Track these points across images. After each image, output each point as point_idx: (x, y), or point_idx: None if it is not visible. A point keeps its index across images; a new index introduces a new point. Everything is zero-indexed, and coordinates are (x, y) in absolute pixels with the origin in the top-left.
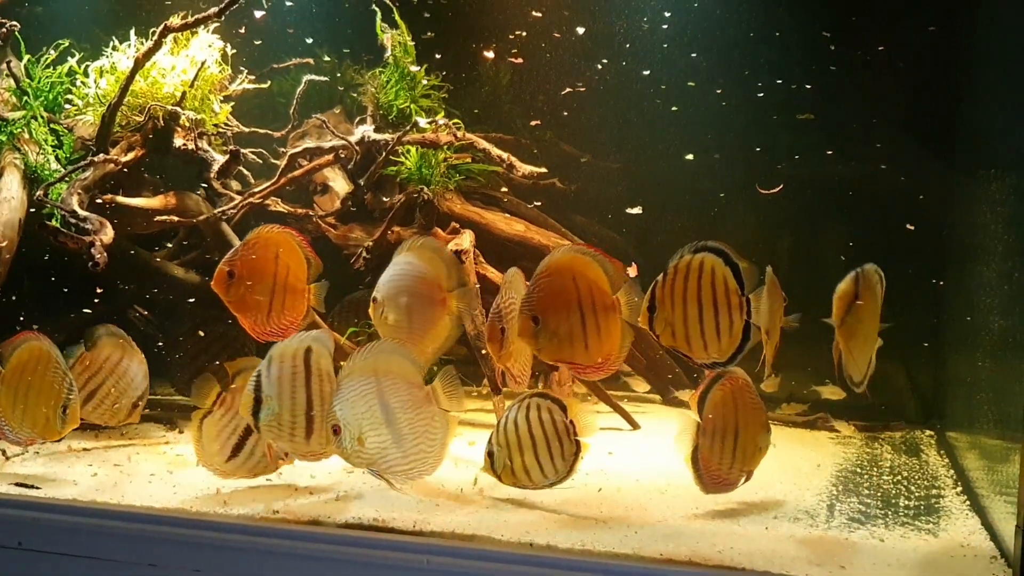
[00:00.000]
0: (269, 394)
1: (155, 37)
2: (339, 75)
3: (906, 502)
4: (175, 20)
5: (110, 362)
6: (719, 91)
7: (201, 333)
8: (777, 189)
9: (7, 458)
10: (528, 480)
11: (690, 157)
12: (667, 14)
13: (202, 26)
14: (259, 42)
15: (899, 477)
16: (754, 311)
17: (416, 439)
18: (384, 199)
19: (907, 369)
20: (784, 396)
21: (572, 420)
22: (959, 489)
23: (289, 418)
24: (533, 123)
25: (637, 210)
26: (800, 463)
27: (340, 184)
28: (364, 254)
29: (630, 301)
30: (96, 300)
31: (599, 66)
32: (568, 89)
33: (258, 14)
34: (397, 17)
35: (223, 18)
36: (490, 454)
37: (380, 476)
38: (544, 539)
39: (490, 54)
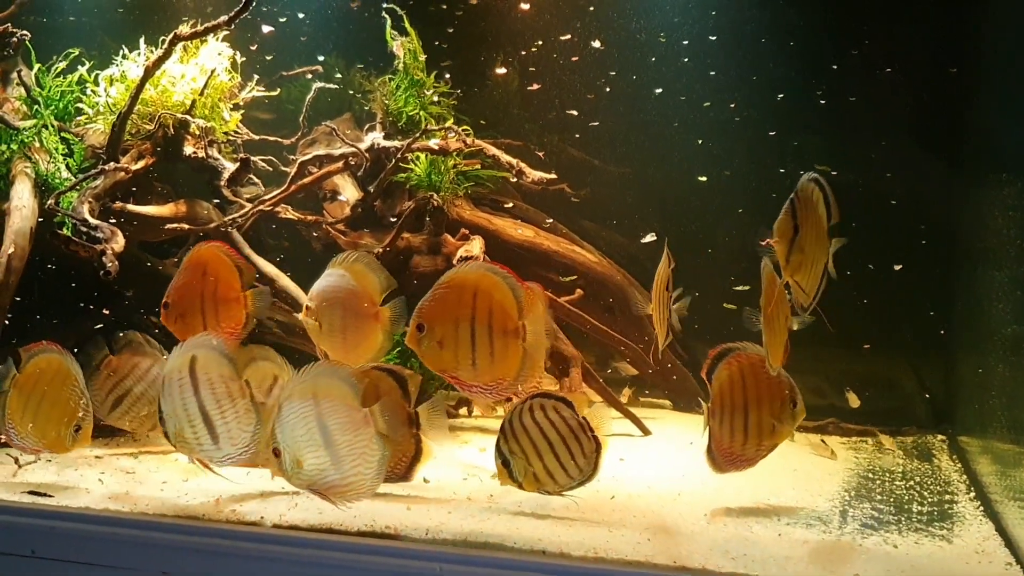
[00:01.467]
0: (166, 412)
1: (165, 45)
2: (350, 90)
3: (919, 508)
4: (184, 28)
5: (139, 369)
6: (732, 103)
7: None
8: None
9: (20, 466)
10: (553, 484)
11: (703, 179)
12: (678, 26)
13: (211, 34)
14: (270, 57)
15: (911, 482)
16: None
17: (354, 460)
18: (392, 218)
19: (918, 373)
20: None
21: (585, 417)
22: (972, 494)
23: (190, 430)
24: (540, 153)
25: (651, 237)
26: (812, 468)
27: (350, 191)
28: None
29: (536, 331)
30: (106, 308)
31: (605, 85)
32: (574, 112)
33: (266, 29)
34: (407, 24)
35: (232, 26)
36: (505, 463)
37: (321, 496)
38: (556, 547)
39: (502, 70)
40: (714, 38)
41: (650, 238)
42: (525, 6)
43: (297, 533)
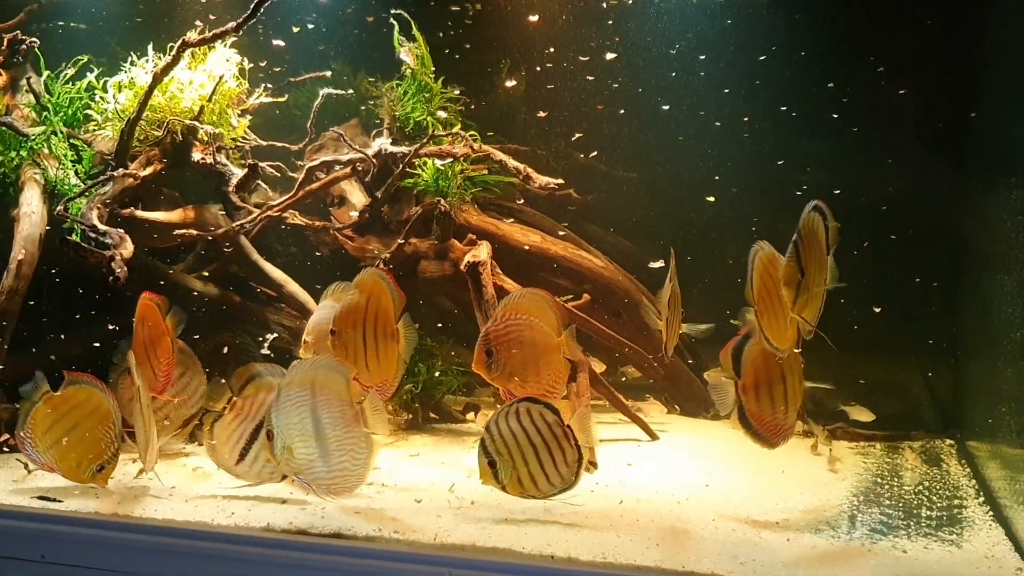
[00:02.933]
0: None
1: (173, 52)
2: (363, 101)
3: (928, 513)
4: (193, 35)
5: (182, 380)
6: (731, 106)
7: (226, 350)
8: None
9: (29, 471)
10: (536, 489)
11: (711, 199)
12: (688, 36)
13: (219, 41)
14: (279, 69)
15: (920, 487)
16: None
17: (342, 456)
18: (399, 236)
19: (925, 378)
20: None
21: (569, 426)
22: (981, 499)
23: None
24: (558, 187)
25: (659, 264)
26: (820, 473)
27: (357, 196)
28: (381, 266)
29: (408, 333)
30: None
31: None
32: (579, 135)
33: (276, 43)
34: (415, 31)
35: (240, 32)
36: (492, 464)
37: (307, 485)
38: (565, 551)
39: (512, 82)
40: (720, 46)
41: (658, 264)
42: (533, 18)
43: (305, 538)
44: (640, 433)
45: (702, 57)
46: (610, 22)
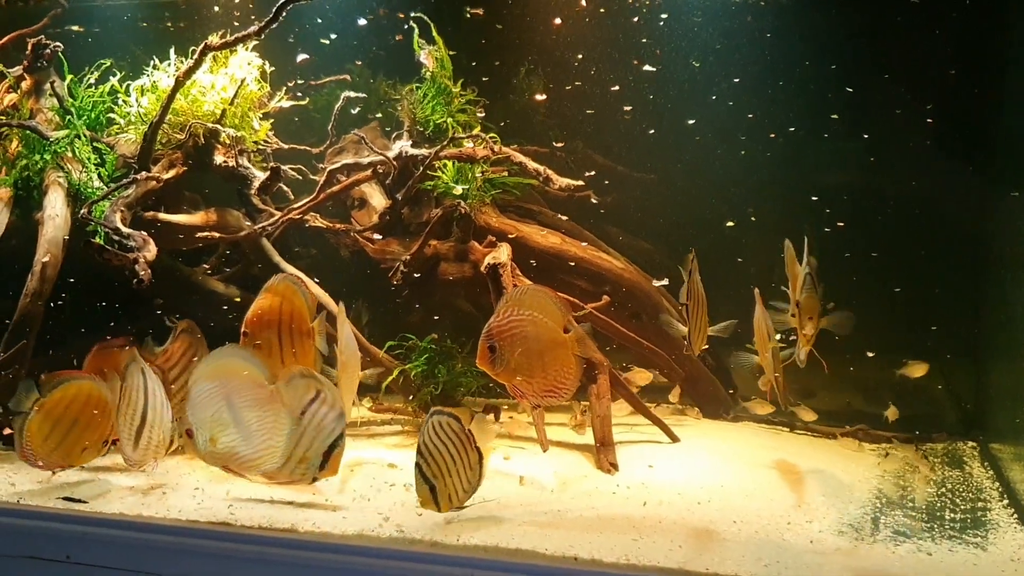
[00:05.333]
0: None
1: (195, 56)
2: (380, 103)
3: (952, 515)
4: (215, 39)
5: (186, 357)
6: (750, 101)
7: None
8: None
9: (54, 473)
10: (457, 500)
11: (731, 224)
12: (710, 40)
13: (241, 44)
14: (301, 81)
15: (943, 490)
16: None
17: (264, 435)
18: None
19: (947, 380)
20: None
21: (470, 429)
22: (1006, 502)
23: None
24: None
25: (664, 282)
26: (842, 475)
27: (378, 199)
28: (401, 268)
29: (322, 330)
30: (132, 317)
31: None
32: (593, 173)
33: (300, 57)
34: (435, 33)
35: (262, 36)
36: (432, 488)
37: (235, 473)
38: (588, 553)
39: (541, 97)
40: (745, 46)
41: (663, 283)
42: (557, 20)
43: (330, 539)
44: (661, 435)
45: (732, 74)
46: (644, 39)
